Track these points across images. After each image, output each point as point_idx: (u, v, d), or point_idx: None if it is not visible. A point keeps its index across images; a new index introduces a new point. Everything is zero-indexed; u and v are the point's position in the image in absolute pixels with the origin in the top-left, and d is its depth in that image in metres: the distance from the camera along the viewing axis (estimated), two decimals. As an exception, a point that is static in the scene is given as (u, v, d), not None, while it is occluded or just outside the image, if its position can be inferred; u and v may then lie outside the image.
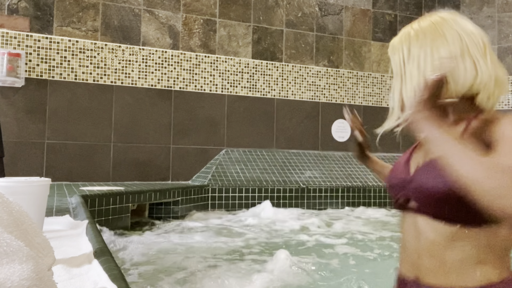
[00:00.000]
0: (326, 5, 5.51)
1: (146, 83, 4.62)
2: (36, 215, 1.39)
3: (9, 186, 1.36)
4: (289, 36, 5.29)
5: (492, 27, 5.79)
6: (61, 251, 1.36)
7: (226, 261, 2.41)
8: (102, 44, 4.46)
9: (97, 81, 4.42)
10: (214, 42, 4.96)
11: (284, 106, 5.19)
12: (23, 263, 0.64)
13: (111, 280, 1.07)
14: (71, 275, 1.17)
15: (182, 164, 4.69)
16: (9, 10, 4.14)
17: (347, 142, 5.37)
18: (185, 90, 4.78)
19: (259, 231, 3.26)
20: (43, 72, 4.22)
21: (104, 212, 2.96)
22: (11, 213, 0.75)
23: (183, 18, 4.84)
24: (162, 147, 4.64)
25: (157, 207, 3.83)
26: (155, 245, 2.71)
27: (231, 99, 4.95)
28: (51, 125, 4.23)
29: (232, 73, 5.00)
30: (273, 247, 2.80)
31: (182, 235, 3.05)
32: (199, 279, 1.98)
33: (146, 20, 4.68)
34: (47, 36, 4.26)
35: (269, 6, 5.23)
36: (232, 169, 4.53)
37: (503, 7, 5.76)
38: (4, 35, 4.08)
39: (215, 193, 4.21)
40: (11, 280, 0.61)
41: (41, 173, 4.06)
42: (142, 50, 4.63)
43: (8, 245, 0.65)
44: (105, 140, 4.42)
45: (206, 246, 2.73)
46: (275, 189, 4.38)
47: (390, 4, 5.86)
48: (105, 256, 1.30)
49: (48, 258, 0.78)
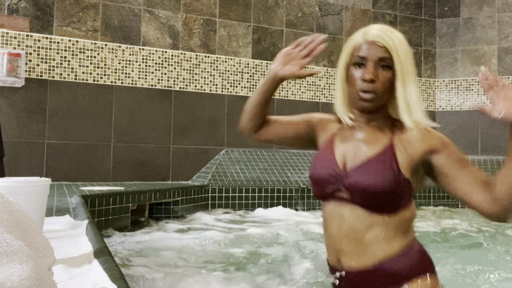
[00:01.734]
0: (326, 5, 5.51)
1: (146, 83, 4.62)
2: (36, 215, 1.39)
3: (9, 186, 1.36)
4: (289, 36, 5.29)
5: (492, 27, 5.79)
6: (61, 251, 1.36)
7: (227, 261, 2.41)
8: (102, 44, 4.46)
9: (97, 81, 4.42)
10: (214, 42, 4.96)
11: (284, 106, 5.19)
12: (23, 263, 0.64)
13: (111, 280, 1.07)
14: (71, 275, 1.17)
15: (182, 164, 4.69)
16: (9, 10, 4.14)
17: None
18: (185, 90, 4.78)
19: (265, 231, 3.25)
20: (43, 72, 4.22)
21: (104, 212, 2.96)
22: (11, 213, 0.75)
23: (183, 18, 4.84)
24: (162, 147, 4.64)
25: (157, 207, 3.83)
26: (155, 245, 2.71)
27: (231, 99, 4.95)
28: (51, 125, 4.23)
29: (232, 73, 5.00)
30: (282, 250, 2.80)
31: (182, 235, 3.05)
32: (200, 279, 1.98)
33: (146, 20, 4.68)
34: (47, 36, 4.26)
35: (269, 6, 5.23)
36: (232, 169, 4.54)
37: (503, 7, 5.76)
38: (4, 35, 4.08)
39: (215, 193, 4.21)
40: (11, 280, 0.61)
41: (41, 173, 4.06)
42: (142, 50, 4.63)
43: (8, 245, 0.65)
44: (105, 140, 4.42)
45: (206, 246, 2.74)
46: (275, 189, 4.38)
47: (390, 4, 5.86)
48: (105, 256, 1.30)
49: (48, 258, 0.78)
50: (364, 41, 1.32)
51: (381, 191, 1.26)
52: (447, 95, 5.96)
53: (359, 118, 1.37)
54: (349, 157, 1.34)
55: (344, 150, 1.36)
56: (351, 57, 1.34)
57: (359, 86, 1.30)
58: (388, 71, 1.30)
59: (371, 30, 1.32)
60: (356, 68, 1.32)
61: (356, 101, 1.32)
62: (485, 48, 5.81)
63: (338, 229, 1.32)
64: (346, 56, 1.37)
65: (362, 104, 1.31)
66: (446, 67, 6.01)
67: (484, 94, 5.75)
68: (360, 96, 1.30)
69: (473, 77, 5.84)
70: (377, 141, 1.33)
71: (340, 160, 1.34)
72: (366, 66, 1.30)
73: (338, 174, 1.32)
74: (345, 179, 1.31)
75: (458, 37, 5.97)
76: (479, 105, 1.27)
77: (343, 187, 1.30)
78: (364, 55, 1.30)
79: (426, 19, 6.06)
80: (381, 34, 1.30)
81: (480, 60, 5.82)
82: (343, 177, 1.31)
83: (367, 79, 1.28)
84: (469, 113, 5.79)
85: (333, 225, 1.34)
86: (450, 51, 6.00)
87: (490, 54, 5.78)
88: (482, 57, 5.82)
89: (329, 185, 1.33)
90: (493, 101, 1.25)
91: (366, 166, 1.30)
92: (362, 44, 1.32)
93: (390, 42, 1.29)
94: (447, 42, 6.03)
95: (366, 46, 1.31)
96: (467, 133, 5.71)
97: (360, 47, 1.32)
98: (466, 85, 5.86)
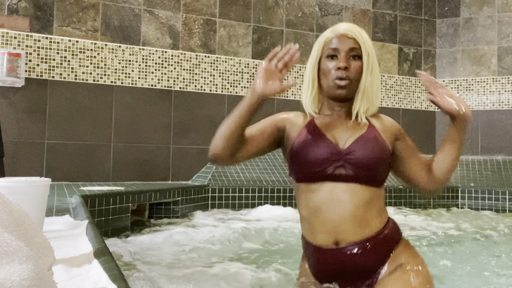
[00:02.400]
0: (326, 5, 5.51)
1: (146, 83, 4.62)
2: (36, 215, 1.39)
3: (9, 186, 1.36)
4: (289, 36, 5.29)
5: (492, 27, 5.79)
6: (61, 251, 1.36)
7: (227, 262, 2.41)
8: (102, 44, 4.46)
9: (97, 81, 4.42)
10: (214, 42, 4.96)
11: (284, 106, 5.19)
12: (23, 263, 0.64)
13: (111, 280, 1.07)
14: (71, 275, 1.17)
15: (182, 164, 4.69)
16: (9, 10, 4.14)
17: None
18: (185, 90, 4.78)
19: (262, 231, 3.25)
20: (43, 72, 4.22)
21: (104, 212, 2.96)
22: (11, 213, 0.75)
23: (183, 18, 4.84)
24: (162, 147, 4.64)
25: (157, 207, 3.83)
26: (155, 245, 2.71)
27: (231, 99, 4.95)
28: (51, 125, 4.23)
29: (232, 73, 5.00)
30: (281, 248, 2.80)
31: (182, 235, 3.05)
32: (200, 279, 1.98)
33: (146, 20, 4.68)
34: (47, 36, 4.26)
35: (269, 6, 5.23)
36: (232, 169, 4.54)
37: (503, 7, 5.76)
38: (4, 35, 4.08)
39: (215, 193, 4.20)
40: (11, 280, 0.61)
41: (41, 173, 4.06)
42: (142, 50, 4.63)
43: (8, 245, 0.65)
44: (105, 140, 4.42)
45: (207, 246, 2.73)
46: (275, 189, 4.38)
47: (390, 4, 5.86)
48: (105, 256, 1.30)
49: (48, 258, 0.78)
50: (334, 35, 1.46)
51: (379, 161, 1.42)
52: (447, 95, 5.95)
53: (334, 108, 1.50)
54: (340, 138, 1.45)
55: (332, 133, 1.47)
56: (323, 51, 1.47)
57: (334, 75, 1.43)
58: (358, 60, 1.44)
59: (341, 25, 1.48)
60: (329, 60, 1.45)
61: (332, 90, 1.45)
62: (485, 48, 5.81)
63: (338, 210, 1.40)
64: (316, 52, 1.49)
65: (339, 92, 1.44)
66: (446, 67, 6.01)
67: (485, 94, 5.75)
68: (336, 84, 1.43)
69: (473, 77, 5.84)
70: (358, 124, 1.47)
71: (332, 139, 1.45)
72: (339, 57, 1.44)
73: (340, 152, 1.42)
74: (347, 156, 1.41)
75: (458, 37, 5.97)
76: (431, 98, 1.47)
77: (346, 163, 1.40)
78: (336, 46, 1.44)
79: (426, 19, 6.06)
80: (349, 28, 1.46)
81: (480, 60, 5.82)
82: (344, 154, 1.41)
83: (341, 66, 1.41)
84: (469, 113, 5.78)
85: (330, 208, 1.40)
86: (450, 51, 6.00)
87: (490, 54, 5.78)
88: (482, 57, 5.82)
89: (332, 163, 1.41)
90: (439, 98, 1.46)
91: (362, 141, 1.43)
92: (332, 38, 1.46)
93: (358, 35, 1.45)
94: (447, 42, 6.03)
95: (336, 39, 1.45)
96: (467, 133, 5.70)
97: (331, 41, 1.45)
98: (466, 85, 5.86)
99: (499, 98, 5.67)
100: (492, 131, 5.60)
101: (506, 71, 5.69)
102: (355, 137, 1.44)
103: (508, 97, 5.64)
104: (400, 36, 5.85)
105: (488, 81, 5.75)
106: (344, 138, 1.45)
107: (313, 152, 1.42)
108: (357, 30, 1.45)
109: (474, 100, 5.79)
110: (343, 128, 1.47)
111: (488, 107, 5.70)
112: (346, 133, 1.45)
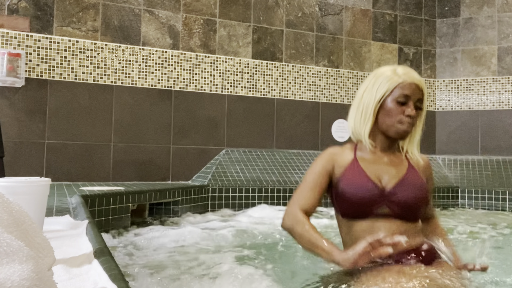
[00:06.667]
0: (326, 5, 5.51)
1: (146, 83, 4.62)
2: (36, 215, 1.39)
3: (9, 186, 1.36)
4: (289, 36, 5.29)
5: (492, 27, 5.79)
6: (61, 251, 1.36)
7: (227, 262, 2.41)
8: (102, 44, 4.46)
9: (97, 81, 4.42)
10: (214, 42, 4.96)
11: (284, 106, 5.19)
12: (23, 263, 0.64)
13: (111, 280, 1.07)
14: (71, 275, 1.17)
15: (182, 164, 4.69)
16: (9, 10, 4.14)
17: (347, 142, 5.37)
18: (185, 90, 4.78)
19: (262, 230, 3.25)
20: (43, 72, 4.22)
21: (104, 212, 2.96)
22: (11, 213, 0.75)
23: (183, 18, 4.84)
24: (162, 147, 4.64)
25: (157, 207, 3.83)
26: (155, 245, 2.71)
27: (231, 99, 4.95)
28: (51, 125, 4.23)
29: (232, 73, 5.00)
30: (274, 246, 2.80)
31: (182, 235, 3.05)
32: (200, 279, 1.98)
33: (146, 20, 4.68)
34: (47, 36, 4.26)
35: (269, 6, 5.23)
36: (232, 169, 4.54)
37: (503, 7, 5.76)
38: (4, 35, 4.08)
39: (215, 193, 4.21)
40: (11, 280, 0.61)
41: (41, 173, 4.06)
42: (142, 50, 4.63)
43: (8, 245, 0.65)
44: (105, 140, 4.42)
45: (207, 246, 2.73)
46: (275, 189, 4.38)
47: (390, 4, 5.86)
48: (105, 256, 1.30)
49: (48, 258, 0.78)
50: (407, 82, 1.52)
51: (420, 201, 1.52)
52: (447, 95, 5.96)
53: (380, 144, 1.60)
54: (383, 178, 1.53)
55: (375, 171, 1.54)
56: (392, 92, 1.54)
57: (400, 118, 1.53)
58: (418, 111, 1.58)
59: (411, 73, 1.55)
60: (398, 103, 1.53)
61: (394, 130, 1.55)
62: (485, 48, 5.81)
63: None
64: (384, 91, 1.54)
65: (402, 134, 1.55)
66: (446, 67, 6.01)
67: (485, 94, 5.74)
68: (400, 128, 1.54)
69: (473, 77, 5.84)
70: (400, 163, 1.58)
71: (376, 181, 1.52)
72: (408, 103, 1.52)
73: (383, 194, 1.50)
74: (390, 197, 1.50)
75: (458, 37, 5.97)
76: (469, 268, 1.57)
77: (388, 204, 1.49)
78: (409, 94, 1.52)
79: (426, 19, 6.06)
80: (419, 78, 1.56)
81: (480, 60, 5.82)
82: (388, 195, 1.50)
83: (412, 115, 1.52)
84: (469, 113, 5.79)
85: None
86: (450, 51, 6.00)
87: (490, 54, 5.78)
88: (482, 57, 5.82)
89: (375, 204, 1.49)
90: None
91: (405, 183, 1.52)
92: (405, 84, 1.52)
93: (424, 88, 1.57)
94: (447, 42, 6.03)
95: (409, 87, 1.52)
96: (467, 133, 5.71)
97: (404, 86, 1.52)
98: (466, 85, 5.86)
99: (499, 98, 5.67)
100: (492, 131, 5.60)
101: (506, 71, 5.69)
102: (397, 178, 1.53)
103: (508, 97, 5.64)
104: (400, 36, 5.84)
105: (488, 81, 5.75)
106: (387, 178, 1.53)
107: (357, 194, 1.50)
108: (423, 82, 1.57)
109: (474, 100, 5.79)
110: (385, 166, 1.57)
111: (488, 107, 5.70)
112: (389, 172, 1.55)
